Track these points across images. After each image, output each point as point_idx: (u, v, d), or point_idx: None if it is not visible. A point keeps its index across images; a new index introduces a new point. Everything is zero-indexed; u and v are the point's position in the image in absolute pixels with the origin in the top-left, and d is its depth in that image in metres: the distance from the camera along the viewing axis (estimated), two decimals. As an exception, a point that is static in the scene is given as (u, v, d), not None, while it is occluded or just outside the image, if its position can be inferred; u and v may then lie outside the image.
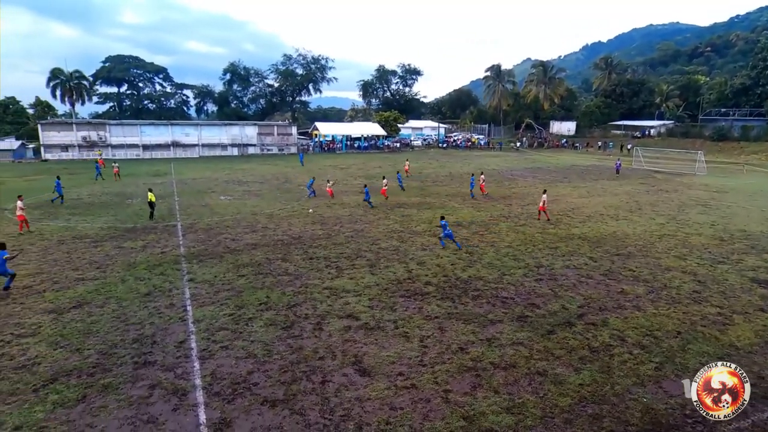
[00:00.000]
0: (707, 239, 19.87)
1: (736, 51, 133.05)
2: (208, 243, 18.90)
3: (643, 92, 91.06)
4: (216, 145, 63.83)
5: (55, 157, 55.92)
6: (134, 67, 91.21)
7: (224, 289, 13.85)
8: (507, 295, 13.48)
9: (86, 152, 57.09)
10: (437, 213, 24.87)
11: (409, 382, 9.07)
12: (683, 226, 22.38)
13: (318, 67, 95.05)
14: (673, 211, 25.96)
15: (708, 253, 17.76)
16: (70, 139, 56.98)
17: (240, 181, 37.94)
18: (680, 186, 36.37)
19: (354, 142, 74.13)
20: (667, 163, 50.31)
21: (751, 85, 74.79)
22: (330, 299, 13.08)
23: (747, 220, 23.76)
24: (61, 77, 75.28)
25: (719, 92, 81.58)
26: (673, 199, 30.04)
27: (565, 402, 8.48)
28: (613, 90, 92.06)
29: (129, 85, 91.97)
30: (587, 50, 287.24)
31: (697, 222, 23.21)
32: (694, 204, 28.40)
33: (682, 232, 21.03)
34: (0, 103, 67.47)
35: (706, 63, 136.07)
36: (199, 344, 10.51)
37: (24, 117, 68.65)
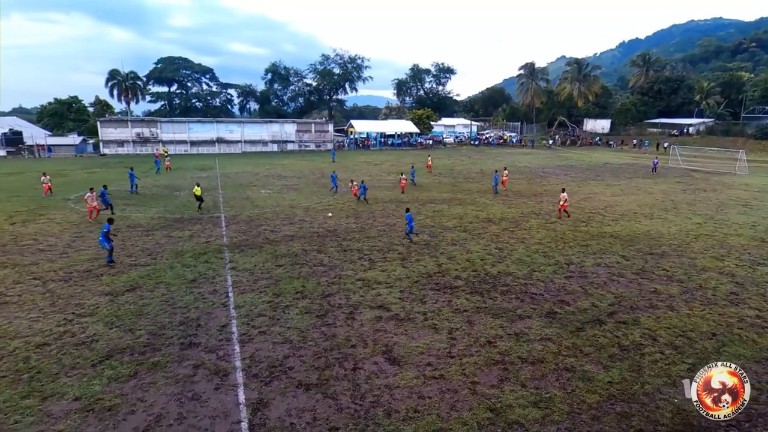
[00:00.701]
0: (747, 240, 18.79)
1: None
2: (249, 234, 19.39)
3: (682, 89, 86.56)
4: (257, 141, 65.22)
5: (112, 151, 58.64)
6: (183, 67, 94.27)
7: (263, 277, 14.19)
8: (536, 291, 13.20)
9: (140, 147, 59.59)
10: (468, 209, 24.60)
11: (437, 372, 9.05)
12: (722, 226, 21.24)
13: (354, 66, 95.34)
14: (711, 211, 24.67)
15: (747, 255, 16.80)
16: (126, 135, 59.58)
17: (279, 175, 38.66)
18: (719, 185, 34.48)
19: (388, 139, 74.11)
20: (706, 162, 47.81)
21: (799, 81, 69.90)
22: (362, 290, 13.18)
23: (791, 221, 22.30)
24: (118, 78, 78.75)
25: (764, 89, 76.49)
26: (711, 199, 28.53)
27: (593, 399, 8.25)
28: (651, 87, 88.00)
29: (178, 85, 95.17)
30: (624, 47, 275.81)
31: (737, 222, 21.97)
32: (734, 204, 26.88)
33: (721, 233, 19.97)
34: (64, 102, 71.13)
35: (750, 59, 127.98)
36: (240, 329, 10.82)
37: (85, 115, 72.14)
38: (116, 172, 40.71)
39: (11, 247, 17.25)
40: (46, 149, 57.95)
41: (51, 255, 16.31)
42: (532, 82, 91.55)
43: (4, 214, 22.78)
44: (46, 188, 27.88)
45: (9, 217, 22.13)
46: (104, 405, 7.99)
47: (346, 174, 39.15)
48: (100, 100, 77.07)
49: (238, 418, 7.71)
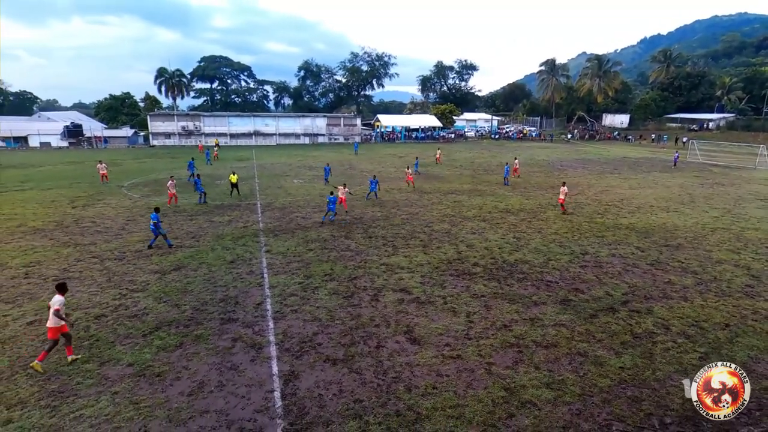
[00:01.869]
0: (765, 234, 17.89)
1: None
2: (283, 220, 19.70)
3: (703, 85, 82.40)
4: (290, 134, 65.85)
5: (160, 143, 60.37)
6: (223, 65, 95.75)
7: (295, 260, 14.42)
8: (551, 279, 12.96)
9: (185, 139, 61.10)
10: (487, 200, 24.27)
11: (455, 352, 9.05)
12: (739, 220, 20.27)
13: (381, 63, 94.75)
14: (728, 205, 23.55)
15: (765, 248, 16.01)
16: (172, 129, 61.17)
17: (310, 166, 38.99)
18: (738, 180, 32.82)
19: (412, 132, 73.54)
20: (726, 157, 45.54)
21: (825, 76, 65.42)
22: (386, 274, 13.25)
23: (811, 216, 21.07)
24: (165, 75, 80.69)
25: (788, 84, 72.07)
26: (729, 193, 27.22)
27: (604, 383, 8.10)
28: (671, 83, 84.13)
29: (219, 82, 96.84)
30: (645, 43, 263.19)
31: (755, 216, 20.92)
32: (752, 198, 25.57)
33: (738, 226, 19.07)
34: (118, 98, 73.44)
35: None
36: (274, 307, 11.07)
37: (136, 109, 74.37)
38: (164, 161, 41.96)
39: (73, 228, 18.08)
40: (103, 141, 60.19)
41: (107, 236, 17.02)
42: (553, 77, 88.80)
43: (66, 198, 23.86)
44: (102, 175, 29.01)
45: (71, 201, 23.17)
46: (154, 371, 8.36)
47: (372, 166, 39.16)
48: (150, 96, 79.30)
49: (272, 387, 7.93)
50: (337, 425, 6.99)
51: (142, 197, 24.45)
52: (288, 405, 7.46)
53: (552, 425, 7.01)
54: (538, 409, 7.36)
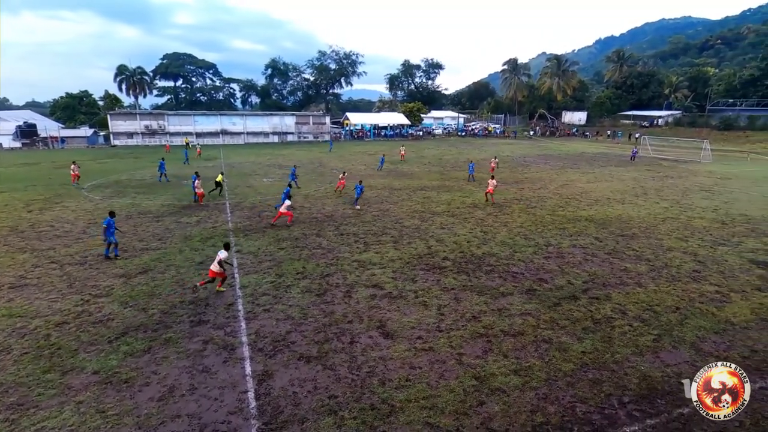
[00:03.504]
0: (709, 222, 19.05)
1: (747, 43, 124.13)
2: (253, 219, 19.30)
3: (653, 84, 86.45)
4: (259, 133, 64.47)
5: (122, 143, 57.72)
6: (188, 63, 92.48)
7: (266, 259, 14.18)
8: (517, 271, 13.33)
9: (148, 139, 58.72)
10: (456, 195, 24.62)
11: (427, 345, 9.16)
12: (686, 210, 21.49)
13: (349, 62, 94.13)
14: (677, 196, 24.91)
15: (709, 236, 17.05)
16: (135, 128, 58.61)
17: (280, 165, 38.35)
18: (685, 173, 34.76)
19: (381, 130, 73.60)
20: (674, 151, 48.10)
21: (760, 76, 70.23)
22: (358, 270, 13.23)
23: (749, 205, 22.60)
24: (126, 73, 77.11)
25: (728, 83, 76.78)
26: (677, 185, 28.79)
27: (568, 367, 8.42)
28: (624, 82, 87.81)
29: (183, 80, 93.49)
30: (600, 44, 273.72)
31: (700, 206, 22.24)
32: (698, 189, 27.16)
33: (685, 216, 20.21)
34: (75, 96, 69.63)
35: (715, 55, 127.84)
36: (245, 307, 10.85)
37: (95, 108, 70.74)
38: (126, 162, 40.19)
39: (29, 233, 17.05)
40: (59, 141, 56.92)
41: (67, 240, 16.16)
42: (515, 77, 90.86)
43: (21, 202, 22.45)
44: (74, 176, 27.65)
45: (26, 205, 21.82)
46: (121, 378, 8.02)
47: (342, 163, 38.92)
48: (110, 94, 75.57)
49: (245, 388, 7.79)
50: (313, 422, 6.94)
51: (104, 199, 23.33)
52: (262, 405, 7.35)
53: (520, 410, 7.23)
54: (507, 396, 7.57)
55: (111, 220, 14.14)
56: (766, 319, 10.41)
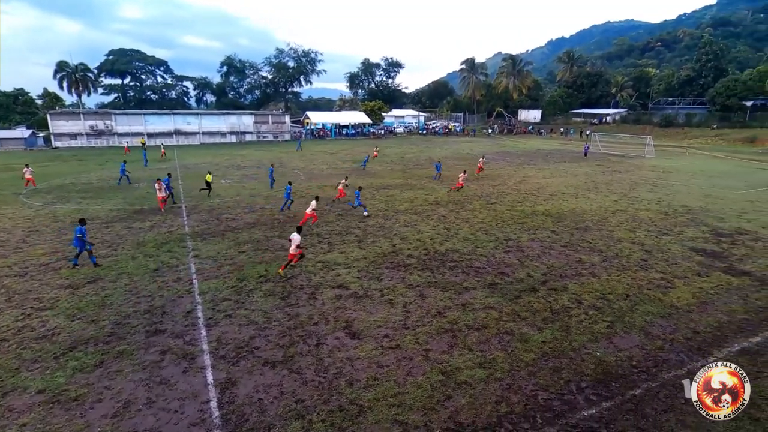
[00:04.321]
0: (654, 214, 20.33)
1: (683, 46, 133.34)
2: (211, 222, 18.66)
3: (601, 83, 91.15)
4: (215, 132, 62.35)
5: (65, 144, 54.03)
6: (136, 60, 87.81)
7: (227, 263, 13.75)
8: (480, 266, 13.66)
9: (94, 140, 55.35)
10: (418, 193, 24.90)
11: (393, 343, 9.21)
12: (633, 202, 22.82)
13: (308, 60, 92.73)
14: (625, 190, 26.41)
15: (654, 226, 18.20)
16: (78, 128, 55.03)
17: (238, 165, 37.29)
18: (632, 167, 36.91)
19: (342, 129, 73.21)
20: (621, 147, 50.93)
21: (695, 77, 75.68)
22: (323, 271, 13.10)
23: (688, 197, 24.33)
24: (67, 70, 72.21)
25: (667, 83, 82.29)
26: (625, 179, 30.52)
27: (529, 357, 8.73)
28: (574, 81, 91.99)
29: (132, 77, 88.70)
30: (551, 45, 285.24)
31: (646, 199, 23.68)
32: (643, 183, 28.91)
33: (633, 208, 21.46)
34: (9, 94, 64.47)
35: (656, 57, 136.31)
36: (205, 313, 10.47)
37: (33, 107, 65.81)
38: (70, 165, 37.69)
39: (-41, 244, 15.62)
40: (-8, 143, 52.46)
41: (4, 250, 14.94)
42: (473, 76, 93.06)
43: (-52, 210, 20.52)
44: (28, 180, 25.95)
45: (-46, 213, 19.97)
46: (70, 396, 7.52)
47: (303, 163, 38.36)
48: (49, 93, 70.61)
49: (207, 398, 7.52)
50: (280, 428, 6.81)
51: (45, 205, 21.76)
52: (226, 414, 7.12)
53: (486, 402, 7.42)
54: (473, 388, 7.74)
55: (82, 228, 13.31)
56: (705, 302, 11.25)
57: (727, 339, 9.50)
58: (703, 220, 19.12)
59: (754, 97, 64.14)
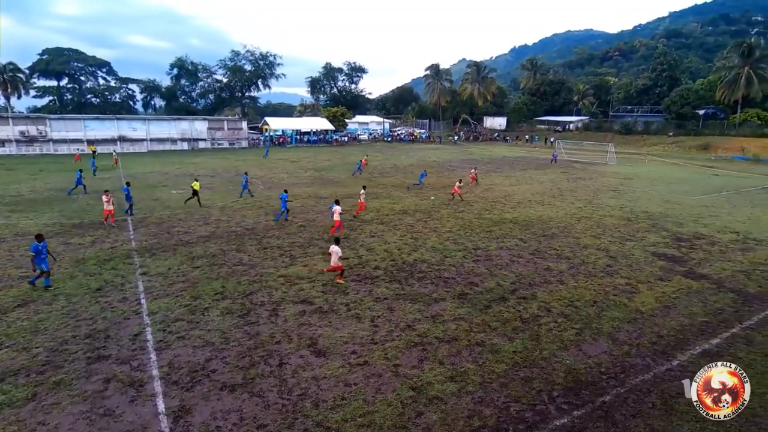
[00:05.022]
0: (617, 220, 21.42)
1: (639, 56, 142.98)
2: (161, 236, 17.94)
3: (563, 91, 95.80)
4: (165, 139, 60.22)
5: (-10, 152, 50.48)
6: (75, 60, 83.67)
7: (179, 280, 13.24)
8: (449, 276, 13.86)
9: (25, 147, 52.07)
10: (384, 202, 25.05)
11: (361, 359, 9.15)
12: (598, 209, 23.97)
13: (266, 63, 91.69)
14: (589, 196, 27.70)
15: (618, 232, 19.16)
16: (7, 134, 51.58)
17: (191, 174, 36.07)
18: (595, 174, 38.81)
19: (303, 136, 72.70)
20: (584, 154, 53.46)
21: (651, 85, 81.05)
22: (285, 286, 12.87)
23: (649, 203, 25.83)
24: (-8, 69, 67.78)
25: (625, 92, 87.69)
26: (589, 186, 32.03)
27: (500, 368, 8.91)
28: (538, 89, 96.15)
29: (70, 79, 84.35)
30: (515, 52, 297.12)
31: (609, 205, 24.93)
32: (606, 190, 30.44)
33: (597, 215, 22.53)
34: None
35: (614, 66, 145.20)
36: (155, 336, 10.01)
37: (-48, 111, 61.23)
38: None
39: None
40: None
41: None
42: (438, 82, 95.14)
43: None
44: None
45: None
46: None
47: (262, 172, 37.71)
48: (-28, 95, 65.88)
49: (159, 428, 7.16)
50: (240, 457, 6.57)
51: (-34, 220, 20.18)
52: (180, 445, 6.80)
53: (458, 416, 7.49)
54: (444, 403, 7.80)
55: (39, 245, 12.40)
56: (668, 306, 11.94)
57: (689, 342, 10.10)
58: (664, 226, 20.33)
59: (706, 105, 69.40)
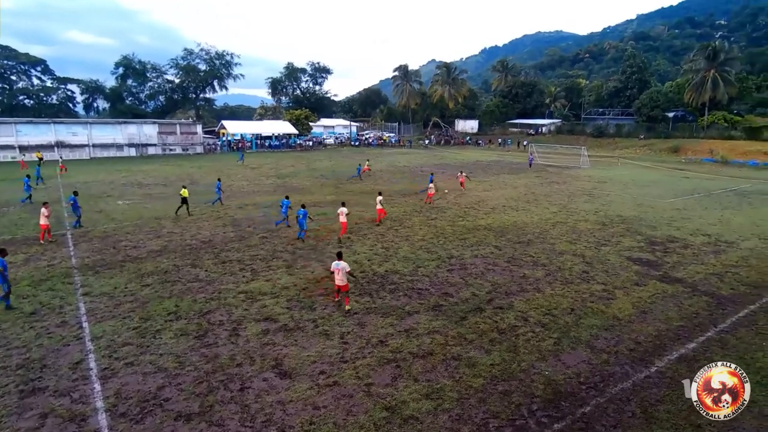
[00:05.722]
0: (592, 224, 22.19)
1: (609, 58, 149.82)
2: (106, 252, 17.21)
3: (535, 93, 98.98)
4: (110, 145, 58.06)
5: None
6: (4, 57, 79.75)
7: (126, 301, 12.71)
8: (422, 287, 13.94)
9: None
10: (352, 210, 24.96)
11: (331, 379, 9.03)
12: (572, 213, 24.77)
13: (223, 63, 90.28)
14: (563, 201, 28.60)
15: (593, 237, 19.85)
16: (-77, 140, 48.46)
17: (140, 183, 34.96)
18: (569, 178, 40.15)
19: (265, 141, 71.81)
20: (557, 158, 55.23)
21: (621, 88, 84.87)
22: (246, 303, 12.59)
23: (622, 206, 26.92)
24: None
25: (596, 94, 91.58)
26: (563, 190, 33.09)
27: (478, 383, 8.99)
28: (510, 91, 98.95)
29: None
30: (485, 53, 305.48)
31: (584, 210, 25.82)
32: (580, 194, 31.53)
33: (572, 219, 23.27)
34: None
35: (585, 68, 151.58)
36: (99, 363, 9.55)
37: None
38: None
39: None
40: None
41: None
42: (407, 83, 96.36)
43: None
44: None
45: None
46: None
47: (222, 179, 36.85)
48: None
49: (104, 467, 6.80)
50: (198, 494, 6.32)
51: None
52: (129, 485, 6.47)
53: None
54: (420, 423, 7.79)
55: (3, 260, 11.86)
56: (644, 311, 12.42)
57: (666, 347, 10.53)
58: (638, 229, 21.21)
59: (675, 108, 73.33)
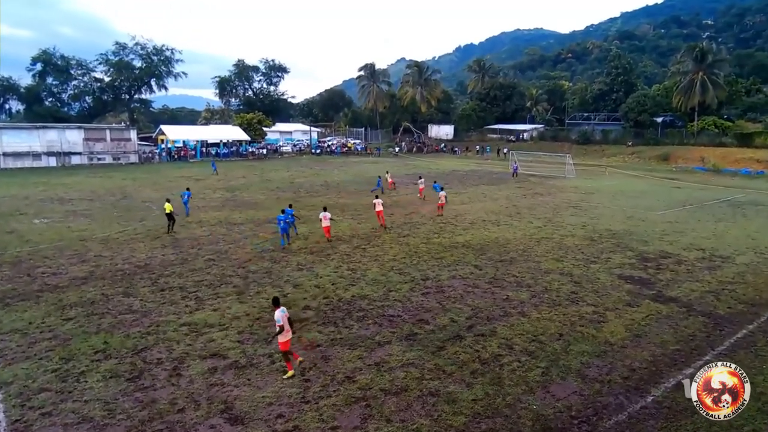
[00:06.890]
0: (580, 240, 22.85)
1: (593, 58, 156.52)
2: (18, 280, 16.43)
3: (515, 96, 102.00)
4: (25, 153, 55.90)
5: None
6: None
7: (44, 338, 12.14)
8: (394, 313, 13.93)
9: None
10: (313, 228, 24.84)
11: (290, 424, 8.85)
12: (558, 228, 25.44)
13: (161, 59, 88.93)
14: (548, 214, 29.37)
15: (581, 254, 20.42)
16: None
17: (61, 198, 33.70)
18: (553, 189, 41.32)
19: (211, 148, 70.80)
20: (540, 166, 56.84)
21: (607, 91, 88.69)
22: (189, 337, 12.25)
23: (611, 220, 27.88)
24: None
25: (581, 97, 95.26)
26: (548, 203, 34.01)
27: (459, 421, 8.99)
28: (487, 93, 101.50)
29: None
30: (460, 52, 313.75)
31: (570, 224, 26.57)
32: (566, 206, 32.47)
33: (558, 234, 23.90)
34: None
35: (568, 69, 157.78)
36: (9, 414, 9.04)
37: None
38: None
39: None
40: None
41: None
42: (374, 84, 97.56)
43: None
44: None
45: None
46: None
47: (159, 193, 35.99)
48: None
49: None
50: None
51: None
52: None
53: (411, 485, 7.41)
54: (394, 470, 7.70)
55: None
56: (638, 335, 12.80)
57: (662, 374, 10.85)
58: (628, 245, 21.97)
59: (663, 112, 77.00)
